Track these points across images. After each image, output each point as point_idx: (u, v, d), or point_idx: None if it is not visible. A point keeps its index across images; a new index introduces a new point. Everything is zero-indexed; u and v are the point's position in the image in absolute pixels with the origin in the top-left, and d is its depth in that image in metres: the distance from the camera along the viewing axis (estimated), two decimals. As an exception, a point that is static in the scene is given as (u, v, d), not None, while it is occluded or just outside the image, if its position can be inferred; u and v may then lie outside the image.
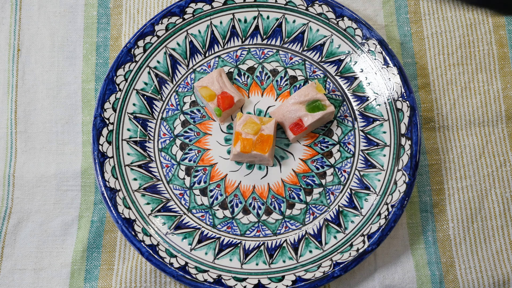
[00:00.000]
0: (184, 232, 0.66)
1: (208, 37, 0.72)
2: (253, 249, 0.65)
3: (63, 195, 0.69)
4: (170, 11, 0.71)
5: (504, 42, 0.73)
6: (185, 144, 0.69)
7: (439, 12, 0.74)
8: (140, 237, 0.64)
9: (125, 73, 0.69)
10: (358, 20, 0.70)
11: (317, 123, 0.68)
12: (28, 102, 0.71)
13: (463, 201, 0.68)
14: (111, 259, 0.66)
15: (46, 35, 0.74)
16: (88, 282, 0.66)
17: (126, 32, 0.73)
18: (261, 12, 0.72)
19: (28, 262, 0.67)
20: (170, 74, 0.71)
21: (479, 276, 0.66)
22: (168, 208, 0.66)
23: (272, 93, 0.71)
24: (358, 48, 0.70)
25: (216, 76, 0.68)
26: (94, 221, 0.68)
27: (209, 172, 0.68)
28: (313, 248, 0.65)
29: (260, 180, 0.68)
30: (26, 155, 0.70)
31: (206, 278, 0.63)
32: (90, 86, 0.72)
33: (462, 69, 0.73)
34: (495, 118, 0.71)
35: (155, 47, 0.70)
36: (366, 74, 0.70)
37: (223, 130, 0.69)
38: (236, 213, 0.67)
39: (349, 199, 0.67)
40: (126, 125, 0.68)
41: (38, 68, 0.73)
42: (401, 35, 0.74)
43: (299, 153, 0.69)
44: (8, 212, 0.68)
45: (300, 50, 0.71)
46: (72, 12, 0.74)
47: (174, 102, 0.70)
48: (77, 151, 0.70)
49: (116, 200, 0.65)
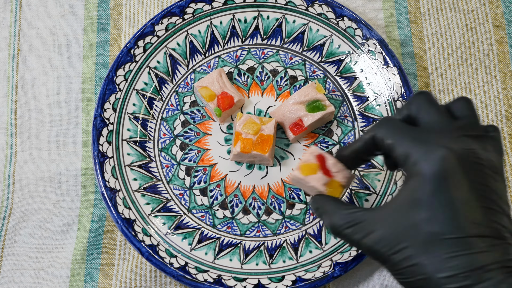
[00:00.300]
0: (184, 232, 0.66)
1: (208, 37, 0.72)
2: (253, 249, 0.65)
3: (63, 195, 0.69)
4: (170, 11, 0.71)
5: (504, 42, 0.73)
6: (185, 144, 0.69)
7: (439, 12, 0.74)
8: (140, 237, 0.64)
9: (125, 73, 0.69)
10: (358, 20, 0.70)
11: (317, 123, 0.68)
12: (28, 102, 0.71)
13: (463, 201, 0.68)
14: (111, 259, 0.67)
15: (46, 35, 0.74)
16: (88, 282, 0.66)
17: (126, 32, 0.73)
18: (261, 12, 0.72)
19: (28, 262, 0.67)
20: (170, 74, 0.71)
21: (479, 276, 0.66)
22: (168, 208, 0.67)
23: (272, 93, 0.71)
24: (358, 48, 0.70)
25: (216, 76, 0.68)
26: (94, 221, 0.68)
27: (209, 172, 0.68)
28: (313, 248, 0.65)
29: (260, 180, 0.68)
30: (26, 155, 0.70)
31: (206, 278, 0.63)
32: (90, 86, 0.72)
33: (462, 69, 0.73)
34: (495, 118, 0.71)
35: (155, 47, 0.70)
36: (366, 74, 0.70)
37: (223, 130, 0.69)
38: (236, 213, 0.67)
39: (349, 199, 0.67)
40: (126, 125, 0.68)
41: (38, 68, 0.73)
42: (401, 35, 0.74)
43: (299, 153, 0.69)
44: (8, 212, 0.68)
45: (300, 50, 0.71)
46: (72, 12, 0.74)
47: (174, 102, 0.70)
48: (77, 151, 0.70)
49: (116, 200, 0.65)
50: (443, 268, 0.48)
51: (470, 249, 0.47)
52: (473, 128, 0.53)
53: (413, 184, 0.50)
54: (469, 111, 0.54)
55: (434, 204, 0.49)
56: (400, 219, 0.50)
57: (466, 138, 0.51)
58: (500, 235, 0.49)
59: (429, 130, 0.53)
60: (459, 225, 0.48)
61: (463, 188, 0.49)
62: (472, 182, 0.49)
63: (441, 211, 0.48)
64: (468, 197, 0.49)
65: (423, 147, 0.50)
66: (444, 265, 0.48)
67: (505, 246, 0.48)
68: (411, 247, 0.49)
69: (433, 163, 0.49)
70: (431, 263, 0.48)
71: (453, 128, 0.52)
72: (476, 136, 0.52)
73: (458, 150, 0.50)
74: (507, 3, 0.74)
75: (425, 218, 0.49)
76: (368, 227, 0.52)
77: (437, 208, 0.49)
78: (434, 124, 0.53)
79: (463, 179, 0.49)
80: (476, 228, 0.48)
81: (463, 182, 0.49)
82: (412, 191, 0.50)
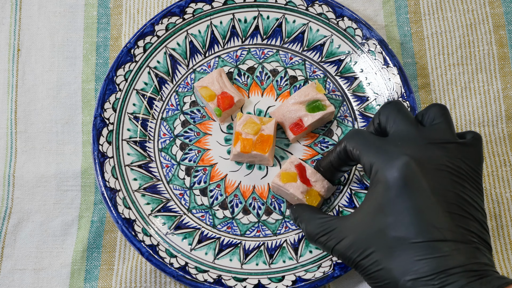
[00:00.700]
0: (184, 232, 0.66)
1: (208, 37, 0.72)
2: (253, 249, 0.65)
3: (63, 195, 0.69)
4: (170, 11, 0.71)
5: (504, 42, 0.73)
6: (185, 144, 0.69)
7: (439, 12, 0.74)
8: (140, 237, 0.64)
9: (125, 73, 0.69)
10: (358, 20, 0.70)
11: (317, 123, 0.68)
12: (28, 102, 0.71)
13: (463, 201, 0.69)
14: (111, 259, 0.67)
15: (46, 35, 0.74)
16: (88, 282, 0.66)
17: (126, 32, 0.73)
18: (261, 12, 0.72)
19: (28, 262, 0.67)
20: (170, 74, 0.71)
21: (479, 276, 0.66)
22: (168, 208, 0.67)
23: (272, 93, 0.71)
24: (358, 48, 0.70)
25: (216, 76, 0.68)
26: (94, 221, 0.68)
27: (209, 172, 0.68)
28: (313, 248, 0.65)
29: (260, 180, 0.68)
30: (26, 155, 0.70)
31: (206, 278, 0.63)
32: (90, 86, 0.72)
33: (462, 69, 0.73)
34: (495, 118, 0.71)
35: (155, 47, 0.70)
36: (366, 74, 0.70)
37: (223, 130, 0.69)
38: (236, 213, 0.67)
39: (349, 199, 0.67)
40: (126, 125, 0.68)
41: (38, 68, 0.73)
42: (401, 35, 0.74)
43: (299, 153, 0.69)
44: (8, 212, 0.68)
45: (300, 50, 0.71)
46: (72, 12, 0.74)
47: (174, 102, 0.70)
48: (77, 151, 0.70)
49: (116, 200, 0.65)
50: (408, 271, 0.49)
51: (433, 253, 0.48)
52: (442, 135, 0.54)
53: (377, 191, 0.52)
54: (441, 118, 0.55)
55: (397, 209, 0.50)
56: (367, 225, 0.52)
57: (431, 146, 0.53)
58: (466, 239, 0.49)
59: (394, 139, 0.54)
60: (422, 230, 0.49)
61: (425, 193, 0.50)
62: (434, 188, 0.50)
63: (405, 216, 0.50)
64: (431, 202, 0.50)
65: (385, 156, 0.52)
66: (410, 268, 0.49)
67: (470, 250, 0.49)
68: (378, 251, 0.51)
69: (394, 170, 0.50)
70: (396, 267, 0.49)
71: (418, 136, 0.54)
72: (444, 143, 0.53)
73: (421, 157, 0.51)
74: (507, 3, 0.74)
75: (390, 224, 0.50)
76: (340, 234, 0.54)
77: (400, 213, 0.50)
78: (401, 133, 0.55)
79: (425, 184, 0.50)
80: (439, 232, 0.49)
81: (425, 187, 0.50)
82: (376, 198, 0.52)
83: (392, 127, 0.56)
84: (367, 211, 0.53)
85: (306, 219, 0.59)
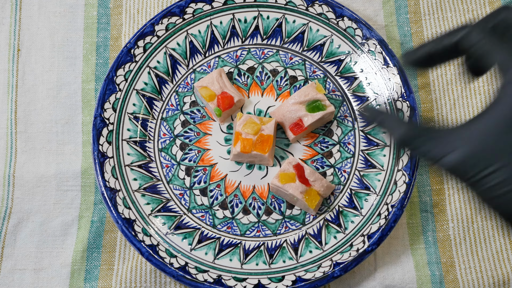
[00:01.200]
0: (184, 232, 0.66)
1: (208, 37, 0.72)
2: (253, 249, 0.65)
3: (63, 195, 0.69)
4: (170, 11, 0.71)
5: (504, 42, 0.73)
6: (185, 144, 0.69)
7: (439, 12, 0.74)
8: (140, 237, 0.64)
9: (125, 73, 0.69)
10: (358, 20, 0.70)
11: (317, 123, 0.68)
12: (28, 102, 0.71)
13: (463, 201, 0.68)
14: (111, 259, 0.66)
15: (46, 35, 0.74)
16: (88, 282, 0.66)
17: (126, 32, 0.73)
18: (261, 12, 0.72)
19: (28, 262, 0.67)
20: (170, 74, 0.71)
21: (479, 276, 0.66)
22: (168, 208, 0.67)
23: (272, 93, 0.71)
24: (358, 48, 0.70)
25: (216, 76, 0.68)
26: (94, 221, 0.68)
27: (209, 172, 0.68)
28: (313, 248, 0.65)
29: (260, 180, 0.68)
30: (26, 155, 0.70)
31: (206, 278, 0.63)
32: (90, 86, 0.72)
33: (462, 69, 0.73)
34: (495, 118, 0.71)
35: (155, 47, 0.70)
36: (366, 74, 0.70)
37: (223, 130, 0.69)
38: (236, 213, 0.67)
39: (349, 199, 0.67)
40: (126, 125, 0.68)
41: (38, 68, 0.73)
42: (401, 35, 0.74)
43: (299, 153, 0.69)
44: (8, 212, 0.68)
45: (300, 50, 0.71)
46: (72, 12, 0.74)
47: (174, 102, 0.70)
48: (77, 151, 0.70)
49: (116, 200, 0.65)
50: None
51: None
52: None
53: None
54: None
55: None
56: (494, 135, 0.44)
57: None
58: None
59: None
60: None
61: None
62: None
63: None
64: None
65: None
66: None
67: None
68: (508, 168, 0.42)
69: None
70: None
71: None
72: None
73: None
74: (507, 3, 0.74)
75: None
76: (449, 144, 0.45)
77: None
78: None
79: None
80: None
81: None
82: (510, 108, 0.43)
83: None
84: (495, 119, 0.44)
85: (395, 124, 0.49)
